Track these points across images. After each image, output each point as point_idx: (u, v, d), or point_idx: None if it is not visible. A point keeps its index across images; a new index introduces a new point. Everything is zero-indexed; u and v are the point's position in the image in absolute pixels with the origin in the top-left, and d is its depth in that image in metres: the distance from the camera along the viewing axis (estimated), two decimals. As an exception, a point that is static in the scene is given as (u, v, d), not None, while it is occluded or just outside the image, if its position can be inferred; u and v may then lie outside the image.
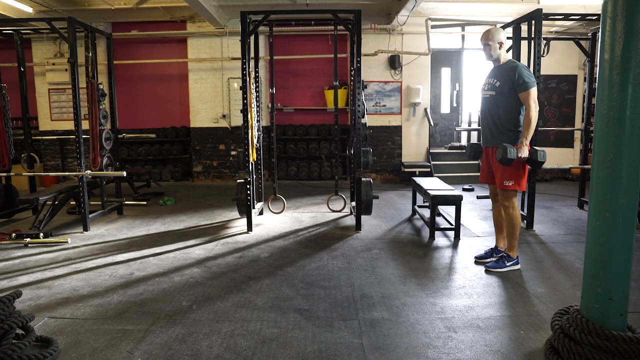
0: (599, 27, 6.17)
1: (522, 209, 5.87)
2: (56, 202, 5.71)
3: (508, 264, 4.02)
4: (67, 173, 5.95)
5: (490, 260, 4.17)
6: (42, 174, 6.61)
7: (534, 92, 3.80)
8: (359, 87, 5.39)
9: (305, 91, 9.93)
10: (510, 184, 3.91)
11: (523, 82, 3.79)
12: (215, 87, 9.69)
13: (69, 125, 9.24)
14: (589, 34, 6.51)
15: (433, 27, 9.27)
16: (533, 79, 3.83)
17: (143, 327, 2.96)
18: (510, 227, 4.01)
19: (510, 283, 3.73)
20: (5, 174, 6.00)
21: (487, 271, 4.02)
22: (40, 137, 9.73)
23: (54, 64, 9.53)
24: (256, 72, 6.20)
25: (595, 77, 7.14)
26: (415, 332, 2.86)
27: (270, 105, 6.39)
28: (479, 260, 4.27)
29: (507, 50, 4.69)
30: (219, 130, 9.82)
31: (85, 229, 5.57)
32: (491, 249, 4.33)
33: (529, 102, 3.78)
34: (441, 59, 10.07)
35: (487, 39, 3.96)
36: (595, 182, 2.29)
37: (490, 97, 4.03)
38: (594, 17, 5.90)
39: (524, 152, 3.78)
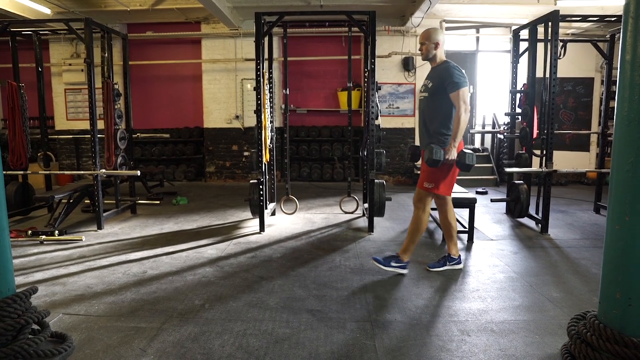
0: (617, 29, 6.12)
1: (537, 213, 5.81)
2: (71, 201, 5.78)
3: (395, 265, 3.95)
4: (82, 172, 6.00)
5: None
6: (58, 172, 6.70)
7: (464, 92, 3.67)
8: (373, 88, 5.37)
9: (318, 92, 9.93)
10: (430, 187, 3.83)
11: (453, 82, 3.67)
12: (229, 88, 9.73)
13: (85, 125, 9.35)
14: (607, 36, 6.42)
15: (447, 29, 9.23)
16: (464, 79, 3.71)
17: (156, 325, 2.97)
18: (413, 229, 3.95)
19: (525, 287, 3.69)
20: (22, 172, 6.08)
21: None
22: (56, 136, 9.86)
23: (70, 65, 9.67)
24: (270, 73, 6.22)
25: (614, 80, 7.03)
26: (429, 335, 2.84)
27: (283, 106, 6.41)
28: (430, 269, 4.09)
29: (524, 54, 4.63)
30: (232, 131, 9.86)
31: (99, 227, 5.63)
32: (444, 257, 4.16)
33: (459, 102, 3.65)
34: (455, 60, 9.76)
35: (423, 38, 3.89)
36: (614, 186, 2.25)
37: (424, 99, 3.93)
38: (612, 19, 5.81)
39: (452, 155, 3.67)
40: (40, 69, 6.58)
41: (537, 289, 3.65)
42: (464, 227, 5.28)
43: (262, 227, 5.51)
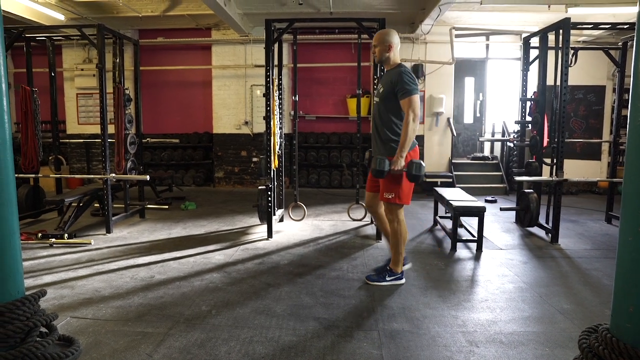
0: (630, 36, 6.08)
1: (547, 222, 5.75)
2: (81, 204, 5.82)
3: (389, 279, 3.86)
4: (92, 176, 6.06)
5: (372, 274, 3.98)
6: (68, 176, 6.75)
7: (414, 99, 3.53)
8: (382, 95, 5.36)
9: (327, 99, 9.94)
10: (391, 197, 3.71)
11: (403, 88, 3.54)
12: (238, 94, 9.78)
13: (95, 129, 9.45)
14: (619, 44, 6.37)
15: (457, 36, 9.21)
16: (415, 86, 3.57)
17: (162, 331, 2.97)
18: (394, 242, 3.87)
19: (535, 298, 3.64)
20: (33, 175, 6.13)
21: (367, 283, 3.89)
22: (67, 140, 9.94)
23: (82, 70, 9.77)
24: (279, 79, 6.24)
25: (626, 88, 6.96)
26: (436, 345, 2.81)
27: (292, 112, 6.41)
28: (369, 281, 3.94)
29: (534, 62, 4.59)
30: (241, 137, 9.89)
31: (108, 231, 5.66)
32: (385, 270, 3.99)
33: (408, 110, 3.52)
34: (465, 68, 9.97)
35: (376, 40, 3.79)
36: (627, 196, 2.21)
37: (376, 105, 3.83)
38: (625, 26, 5.76)
39: (399, 165, 3.55)
40: (53, 74, 6.67)
41: (547, 299, 3.61)
42: (473, 235, 5.24)
43: (269, 234, 5.50)
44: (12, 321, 2.22)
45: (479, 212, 5.02)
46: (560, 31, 5.35)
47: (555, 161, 5.47)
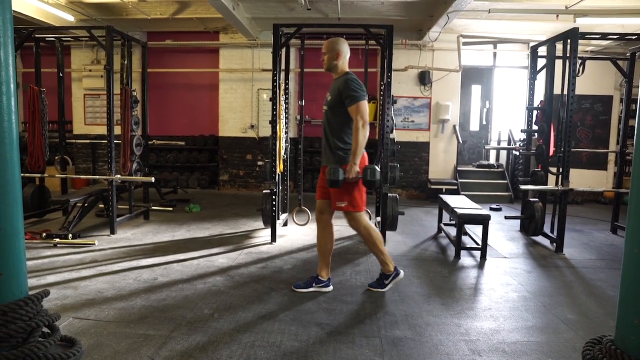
0: (638, 47, 6.05)
1: (552, 231, 5.72)
2: (86, 205, 5.84)
3: (387, 282, 3.82)
4: (97, 176, 6.08)
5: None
6: (74, 176, 6.78)
7: (362, 106, 3.51)
8: (389, 102, 5.37)
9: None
10: (344, 205, 3.66)
11: (350, 95, 3.51)
12: (245, 98, 9.81)
13: (102, 130, 9.48)
14: (627, 54, 6.35)
15: (464, 44, 9.21)
16: (362, 92, 3.55)
17: (164, 333, 2.97)
18: (370, 246, 3.81)
19: (538, 308, 3.62)
20: (39, 175, 6.16)
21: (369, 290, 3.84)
22: (73, 141, 10.00)
23: (90, 70, 9.83)
24: (286, 84, 6.25)
25: (634, 98, 6.93)
26: (439, 353, 2.79)
27: (298, 117, 6.42)
28: (296, 289, 3.82)
29: (542, 70, 4.58)
30: (247, 140, 9.91)
31: (112, 232, 5.67)
32: (312, 277, 3.89)
33: (356, 116, 3.49)
34: (472, 76, 9.96)
35: (324, 48, 3.77)
36: (633, 206, 2.19)
37: (325, 113, 3.79)
38: (633, 37, 5.75)
39: (352, 173, 3.51)
40: (61, 74, 6.71)
41: (551, 309, 3.58)
42: (477, 244, 5.22)
43: (273, 238, 5.50)
44: (14, 321, 2.22)
45: (483, 220, 5.00)
46: (568, 41, 5.34)
47: (561, 170, 5.45)
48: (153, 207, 7.04)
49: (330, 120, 3.73)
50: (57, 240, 5.14)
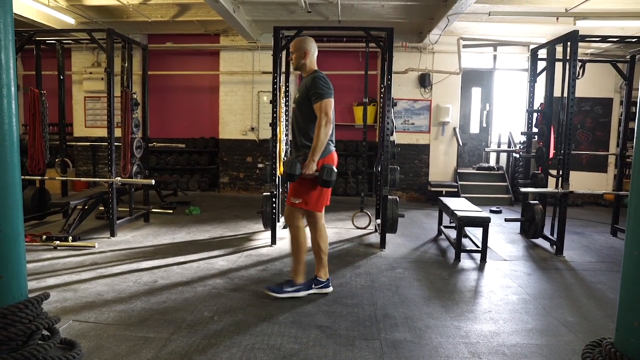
0: (638, 50, 6.06)
1: (552, 234, 5.71)
2: (86, 207, 5.84)
3: (290, 289, 3.71)
4: (97, 179, 6.08)
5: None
6: (74, 179, 6.78)
7: (327, 104, 3.51)
8: (389, 104, 5.38)
9: (334, 107, 9.94)
10: (297, 202, 3.64)
11: (316, 93, 3.52)
12: (245, 100, 9.82)
13: (102, 132, 9.48)
14: (627, 57, 6.36)
15: (465, 46, 9.22)
16: (328, 90, 3.56)
17: (164, 336, 2.97)
18: (294, 250, 3.75)
19: (538, 310, 3.62)
20: (39, 178, 6.17)
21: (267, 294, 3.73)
22: (74, 143, 10.00)
23: (91, 73, 9.84)
24: (286, 86, 6.26)
25: (634, 101, 6.92)
26: (438, 356, 2.79)
27: (298, 119, 6.41)
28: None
29: (542, 73, 4.58)
30: (247, 143, 9.92)
31: (112, 234, 5.67)
32: (310, 279, 3.85)
33: (320, 114, 3.49)
34: (472, 78, 9.97)
35: (292, 47, 3.77)
36: (633, 209, 2.20)
37: (293, 111, 3.81)
38: (633, 40, 5.76)
39: (310, 169, 3.50)
40: (62, 77, 6.72)
41: (551, 312, 3.58)
42: (477, 246, 5.21)
43: (273, 240, 5.50)
44: (14, 324, 2.22)
45: (483, 223, 5.00)
46: (568, 43, 5.35)
47: (561, 173, 5.45)
48: (153, 210, 7.04)
49: (297, 117, 3.74)
50: (57, 242, 5.14)
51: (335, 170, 3.61)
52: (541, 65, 6.29)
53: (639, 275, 2.13)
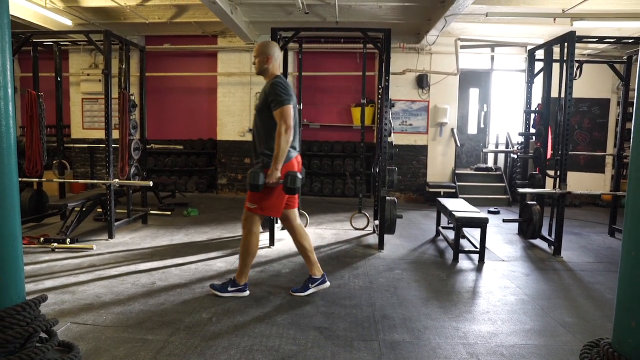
0: (635, 50, 6.08)
1: (550, 234, 5.72)
2: (84, 209, 5.83)
3: (231, 289, 3.74)
4: (95, 181, 6.07)
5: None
6: (72, 180, 6.76)
7: (286, 110, 3.45)
8: (387, 105, 5.38)
9: (331, 108, 9.97)
10: (253, 207, 3.62)
11: (275, 100, 3.47)
12: (243, 101, 9.81)
13: (100, 134, 9.47)
14: (624, 57, 6.38)
15: (462, 47, 9.23)
16: (287, 96, 3.49)
17: (163, 338, 2.96)
18: (242, 251, 3.75)
19: (536, 311, 3.62)
20: (37, 180, 6.16)
21: (212, 294, 3.76)
22: (71, 145, 9.98)
23: (88, 75, 9.83)
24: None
25: (631, 101, 6.97)
26: (437, 357, 2.79)
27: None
28: (294, 293, 3.84)
29: (539, 74, 4.59)
30: (245, 144, 9.91)
31: (110, 236, 5.66)
32: (307, 279, 3.90)
33: (280, 121, 3.43)
34: (469, 79, 9.99)
35: (255, 51, 3.74)
36: (630, 211, 2.20)
37: (254, 117, 3.75)
38: (630, 40, 5.78)
39: (273, 178, 3.46)
40: (59, 79, 6.70)
41: (549, 312, 3.58)
42: (475, 247, 5.22)
43: (271, 241, 5.50)
44: (12, 326, 2.21)
45: (481, 223, 5.01)
46: (566, 44, 5.36)
47: (558, 173, 5.46)
48: (151, 211, 7.03)
49: (257, 124, 3.69)
50: (55, 244, 5.13)
51: (300, 175, 3.58)
52: (538, 66, 6.31)
53: (636, 275, 2.13)
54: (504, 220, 6.61)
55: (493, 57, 9.90)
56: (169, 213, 7.41)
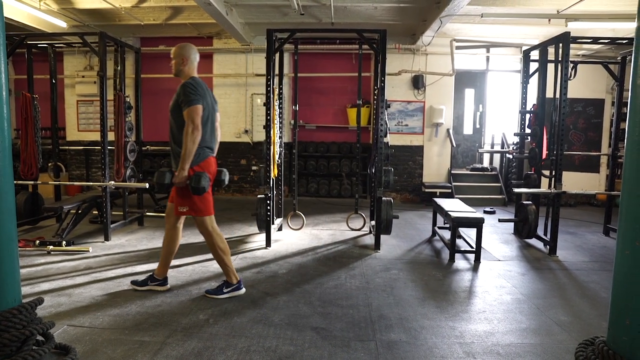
0: (629, 51, 6.12)
1: (545, 234, 5.75)
2: (79, 211, 5.81)
3: (226, 290, 3.76)
4: (91, 183, 6.06)
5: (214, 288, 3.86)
6: (67, 183, 6.74)
7: (193, 110, 3.47)
8: (382, 106, 5.39)
9: (327, 109, 9.97)
10: (184, 210, 3.65)
11: (184, 100, 3.50)
12: (239, 103, 9.81)
13: (95, 136, 9.45)
14: (618, 58, 6.41)
15: (458, 48, 9.26)
16: (197, 97, 3.52)
17: (160, 339, 2.96)
18: (213, 254, 3.80)
19: (532, 310, 3.64)
20: (32, 182, 6.13)
21: (206, 297, 3.77)
22: (67, 147, 9.95)
23: (83, 77, 9.80)
24: (280, 88, 6.27)
25: (625, 102, 6.99)
26: (433, 356, 2.80)
27: (292, 121, 6.44)
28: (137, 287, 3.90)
29: (534, 74, 4.60)
30: (241, 145, 9.91)
31: (107, 238, 5.64)
32: (148, 276, 3.96)
33: (187, 121, 3.46)
34: (465, 79, 10.02)
35: (172, 53, 3.79)
36: (624, 210, 2.22)
37: (169, 118, 3.77)
38: (624, 41, 5.81)
39: (179, 177, 3.49)
40: (54, 81, 6.69)
41: (544, 311, 3.60)
42: (471, 247, 5.24)
43: (268, 242, 5.50)
44: (8, 329, 2.21)
45: (477, 223, 5.02)
46: (560, 45, 5.39)
47: (553, 173, 5.49)
48: (147, 213, 7.01)
49: (171, 125, 3.73)
50: (51, 247, 5.11)
51: (207, 175, 3.58)
52: (533, 66, 6.34)
53: (630, 274, 2.15)
54: (499, 220, 6.64)
55: (488, 57, 9.93)
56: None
